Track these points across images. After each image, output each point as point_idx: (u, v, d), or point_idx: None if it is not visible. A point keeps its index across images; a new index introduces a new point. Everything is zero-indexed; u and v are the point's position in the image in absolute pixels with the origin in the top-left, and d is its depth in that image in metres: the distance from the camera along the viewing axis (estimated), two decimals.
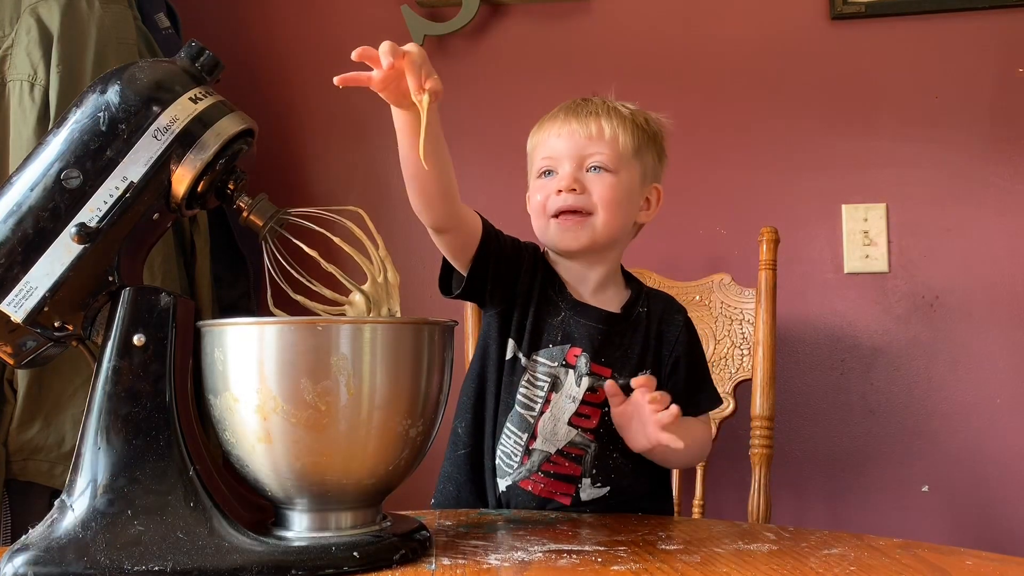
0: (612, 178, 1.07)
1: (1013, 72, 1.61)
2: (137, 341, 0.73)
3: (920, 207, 1.63)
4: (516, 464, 1.05)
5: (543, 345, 1.07)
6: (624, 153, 1.08)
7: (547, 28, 1.74)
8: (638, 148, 1.09)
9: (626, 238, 1.14)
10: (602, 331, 1.07)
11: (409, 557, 0.75)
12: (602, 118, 1.08)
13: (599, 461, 1.05)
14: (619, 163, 1.07)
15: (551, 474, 1.04)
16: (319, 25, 1.79)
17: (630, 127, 1.09)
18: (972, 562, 0.75)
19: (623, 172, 1.08)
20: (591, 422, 1.05)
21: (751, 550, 0.80)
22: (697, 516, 1.44)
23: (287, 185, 1.77)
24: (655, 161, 1.14)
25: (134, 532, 0.70)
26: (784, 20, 1.67)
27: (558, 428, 1.05)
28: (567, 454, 1.05)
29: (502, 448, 1.07)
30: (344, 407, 0.72)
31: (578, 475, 1.05)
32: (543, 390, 1.05)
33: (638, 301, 1.12)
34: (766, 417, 1.37)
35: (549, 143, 1.10)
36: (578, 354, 1.06)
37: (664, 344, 1.10)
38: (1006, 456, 1.58)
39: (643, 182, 1.12)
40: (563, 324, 1.08)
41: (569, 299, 1.10)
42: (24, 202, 0.73)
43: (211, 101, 0.76)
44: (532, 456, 1.05)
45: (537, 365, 1.06)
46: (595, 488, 1.05)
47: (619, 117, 1.09)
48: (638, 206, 1.12)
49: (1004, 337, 1.59)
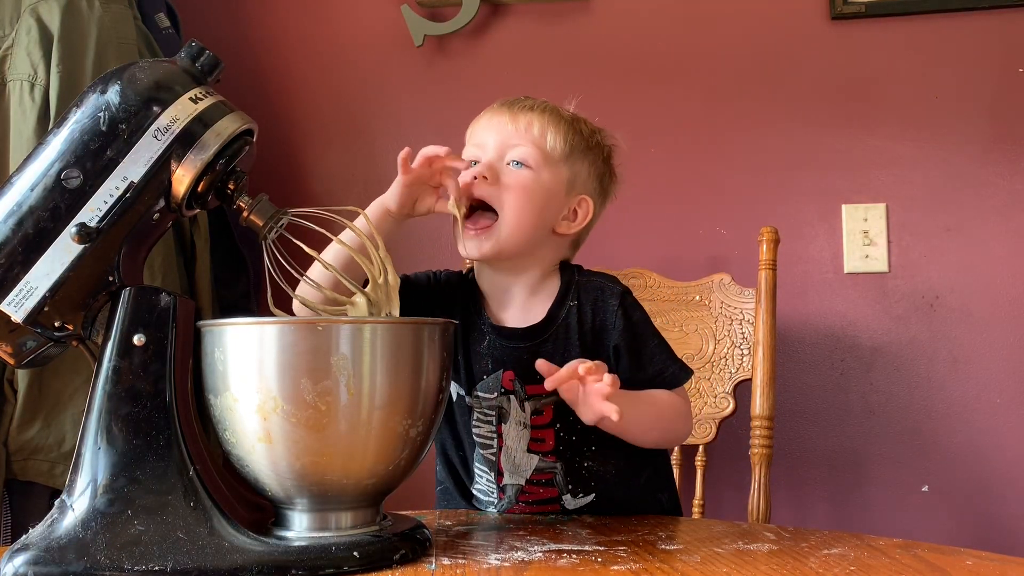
0: (529, 174, 0.99)
1: (1013, 72, 1.61)
2: (137, 341, 0.73)
3: (920, 207, 1.63)
4: (495, 500, 1.03)
5: (478, 378, 1.01)
6: (551, 154, 1.01)
7: (547, 28, 1.74)
8: (569, 153, 1.02)
9: (547, 248, 1.04)
10: (527, 348, 1.00)
11: (409, 557, 0.75)
12: (535, 114, 1.02)
13: (572, 476, 1.01)
14: (542, 162, 1.00)
15: (531, 503, 1.02)
16: (319, 25, 1.79)
17: (564, 130, 1.02)
18: (972, 562, 0.75)
19: (544, 172, 1.00)
20: (547, 445, 1.00)
21: (751, 550, 0.80)
22: (697, 516, 1.44)
23: (287, 185, 1.77)
24: (590, 174, 1.06)
25: (134, 532, 0.70)
26: (784, 20, 1.67)
27: (519, 460, 1.00)
28: (538, 481, 1.01)
29: (477, 487, 1.04)
30: (344, 407, 0.72)
31: (556, 495, 1.01)
32: (492, 424, 1.01)
33: (567, 297, 1.03)
34: (766, 417, 1.37)
35: (477, 133, 1.05)
36: (512, 378, 1.00)
37: (605, 334, 1.02)
38: (1006, 456, 1.58)
39: (570, 190, 1.03)
40: (490, 350, 1.02)
41: (488, 322, 1.03)
42: (24, 202, 0.73)
43: (211, 101, 0.76)
44: (507, 491, 1.01)
45: (481, 400, 1.01)
46: (578, 499, 1.02)
47: (555, 117, 1.02)
48: (557, 212, 1.02)
49: (1004, 337, 1.59)
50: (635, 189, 1.65)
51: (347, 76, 1.78)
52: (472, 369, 1.02)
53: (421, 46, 1.72)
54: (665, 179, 1.70)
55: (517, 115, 1.02)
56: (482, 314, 1.04)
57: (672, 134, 1.70)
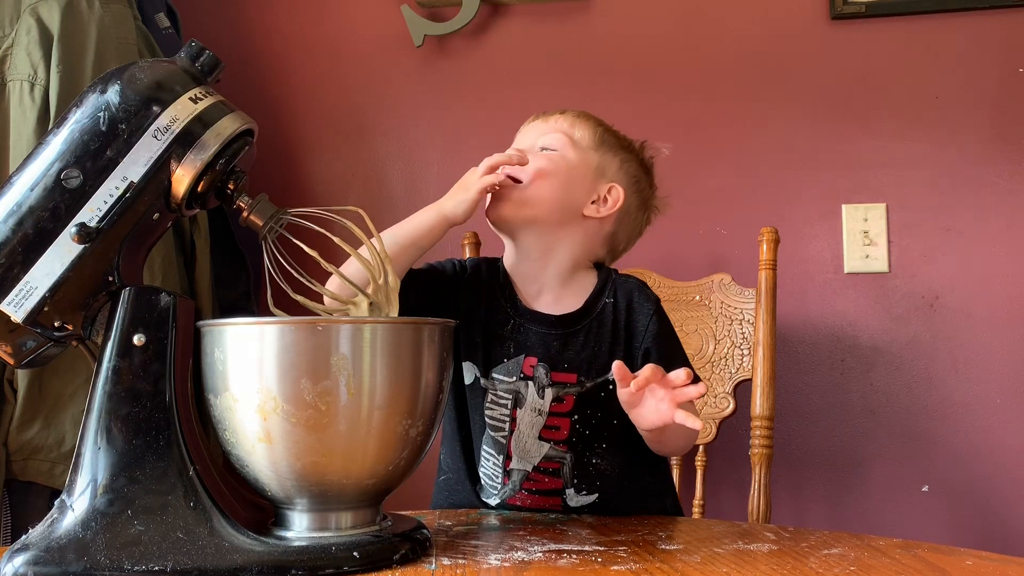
0: (555, 154, 1.04)
1: (1013, 72, 1.61)
2: (137, 341, 0.73)
3: (920, 207, 1.63)
4: (499, 485, 1.03)
5: (498, 361, 1.03)
6: (579, 141, 1.05)
7: (547, 28, 1.74)
8: (599, 144, 1.06)
9: (574, 232, 1.05)
10: (558, 336, 1.02)
11: (409, 557, 0.75)
12: (568, 112, 1.08)
13: (578, 470, 1.02)
14: (568, 144, 1.04)
15: (534, 491, 1.02)
16: (319, 25, 1.79)
17: (593, 125, 1.07)
18: (972, 562, 0.75)
19: (571, 153, 1.04)
20: (561, 433, 1.01)
21: (751, 550, 0.80)
22: (697, 516, 1.44)
23: (287, 185, 1.77)
24: (622, 168, 1.08)
25: (134, 532, 0.70)
26: (784, 20, 1.67)
27: (529, 445, 1.01)
28: (544, 469, 1.02)
29: (483, 470, 1.05)
30: (344, 407, 0.72)
31: (560, 487, 1.02)
32: (507, 408, 1.02)
33: (603, 292, 1.05)
34: (766, 417, 1.37)
35: (521, 132, 1.11)
36: (534, 364, 1.02)
37: (635, 336, 1.03)
38: (1006, 456, 1.58)
39: (599, 176, 1.06)
40: (513, 334, 1.03)
41: (519, 306, 1.04)
42: (24, 202, 0.73)
43: (211, 101, 0.76)
44: (512, 476, 1.02)
45: (497, 383, 1.03)
46: (581, 496, 1.02)
47: (585, 115, 1.08)
48: (584, 193, 1.04)
49: (1004, 337, 1.59)
50: None
51: (347, 76, 1.78)
52: (491, 352, 1.03)
53: (421, 46, 1.72)
54: (665, 179, 1.69)
55: (549, 116, 1.08)
56: (513, 298, 1.06)
57: (672, 134, 1.69)
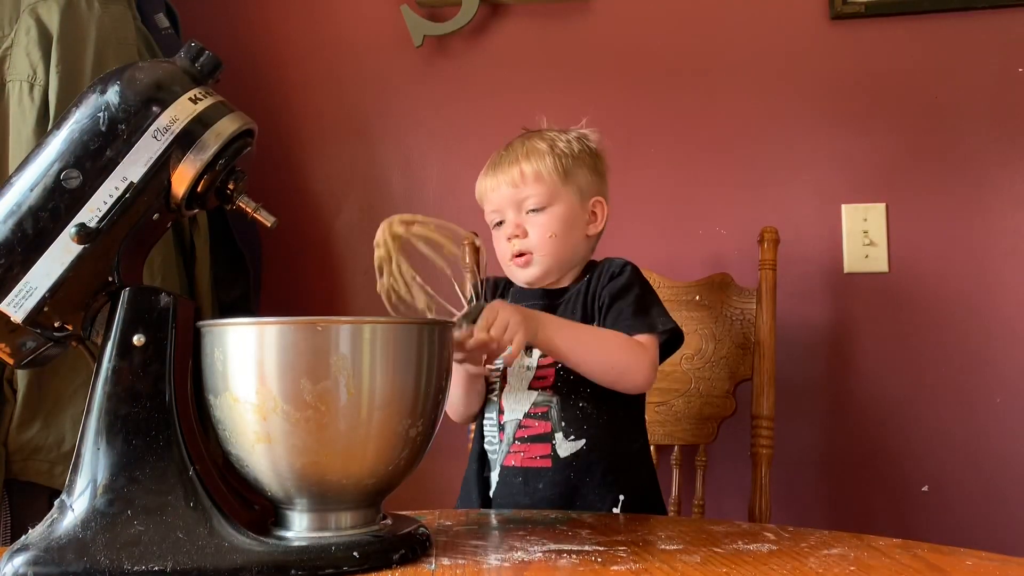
0: (546, 216, 1.15)
1: (1013, 72, 1.61)
2: (137, 341, 0.73)
3: (920, 207, 1.63)
4: (497, 444, 1.14)
5: None
6: (553, 185, 1.15)
7: (547, 28, 1.74)
8: (566, 174, 1.16)
9: (584, 250, 1.21)
10: (543, 306, 1.15)
11: (409, 557, 0.75)
12: (521, 163, 1.16)
13: (566, 412, 1.11)
14: (551, 196, 1.15)
15: (525, 439, 1.12)
16: (319, 25, 1.79)
17: (550, 160, 1.15)
18: (972, 562, 0.75)
19: (557, 203, 1.15)
20: (547, 381, 1.13)
21: (751, 550, 0.80)
22: (697, 516, 1.44)
23: (287, 185, 1.77)
24: (590, 177, 1.19)
25: (134, 532, 0.70)
26: (784, 20, 1.67)
27: (520, 396, 1.13)
28: (534, 414, 1.12)
29: (487, 438, 1.16)
30: (344, 407, 0.72)
31: (550, 431, 1.11)
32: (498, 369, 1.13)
33: (585, 275, 1.20)
34: (766, 417, 1.37)
35: (488, 197, 1.19)
36: None
37: (597, 298, 1.16)
38: (1006, 456, 1.58)
39: (583, 200, 1.18)
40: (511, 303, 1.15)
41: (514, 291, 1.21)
42: (24, 202, 0.73)
43: (211, 101, 0.76)
44: (506, 429, 1.13)
45: None
46: (570, 442, 1.11)
47: (537, 155, 1.16)
48: (584, 223, 1.19)
49: (1004, 337, 1.59)
50: (635, 189, 1.67)
51: (347, 76, 1.78)
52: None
53: (421, 46, 1.72)
54: (665, 179, 1.70)
55: (509, 171, 1.16)
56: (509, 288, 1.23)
57: (672, 134, 1.70)
